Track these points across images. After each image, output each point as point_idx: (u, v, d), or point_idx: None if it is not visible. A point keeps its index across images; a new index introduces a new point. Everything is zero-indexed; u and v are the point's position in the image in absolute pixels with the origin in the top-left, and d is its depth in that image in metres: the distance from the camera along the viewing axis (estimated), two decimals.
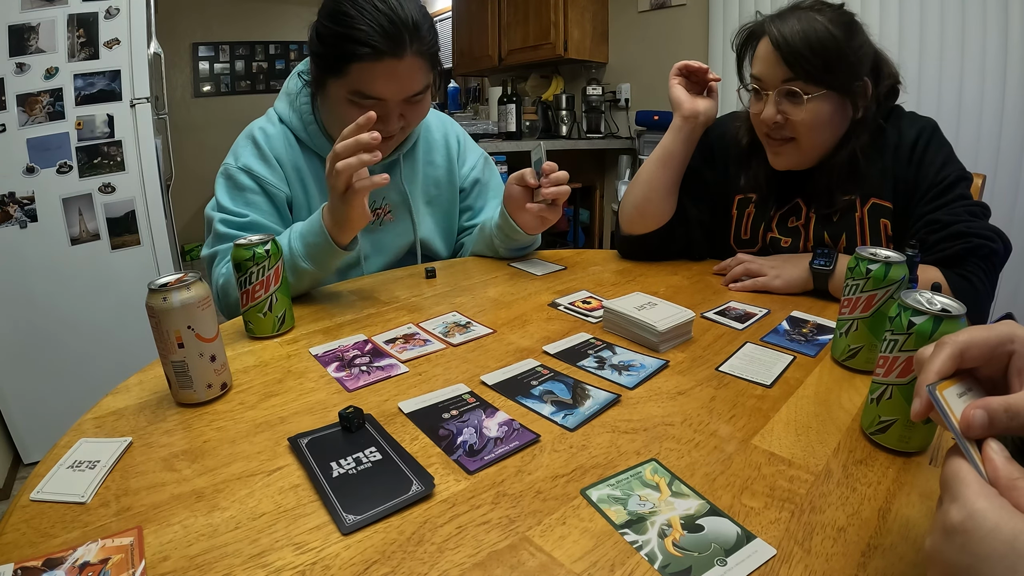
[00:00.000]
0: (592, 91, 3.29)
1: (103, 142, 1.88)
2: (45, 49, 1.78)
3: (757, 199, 1.03)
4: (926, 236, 0.88)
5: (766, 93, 0.90)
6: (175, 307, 0.56)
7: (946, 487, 0.30)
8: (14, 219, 1.79)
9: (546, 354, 0.71)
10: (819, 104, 0.87)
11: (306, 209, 1.03)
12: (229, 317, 0.92)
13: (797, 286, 0.91)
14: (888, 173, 0.93)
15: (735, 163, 1.04)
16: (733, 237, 1.08)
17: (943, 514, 0.29)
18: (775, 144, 0.94)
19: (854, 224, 0.95)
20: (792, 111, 0.88)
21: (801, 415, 0.57)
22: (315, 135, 1.02)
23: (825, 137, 0.91)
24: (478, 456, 0.50)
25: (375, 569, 0.38)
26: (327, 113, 1.00)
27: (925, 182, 0.90)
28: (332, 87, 0.92)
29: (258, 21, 4.67)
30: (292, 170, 1.02)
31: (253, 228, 0.95)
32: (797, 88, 0.86)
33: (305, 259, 0.86)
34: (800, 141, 0.91)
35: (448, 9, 4.50)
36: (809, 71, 0.85)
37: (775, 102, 0.89)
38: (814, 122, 0.88)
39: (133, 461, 0.50)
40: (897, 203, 0.93)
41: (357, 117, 0.77)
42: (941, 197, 0.89)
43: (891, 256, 0.62)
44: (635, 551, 0.40)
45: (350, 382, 0.64)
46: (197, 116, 4.51)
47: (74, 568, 0.38)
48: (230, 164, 1.00)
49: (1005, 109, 1.98)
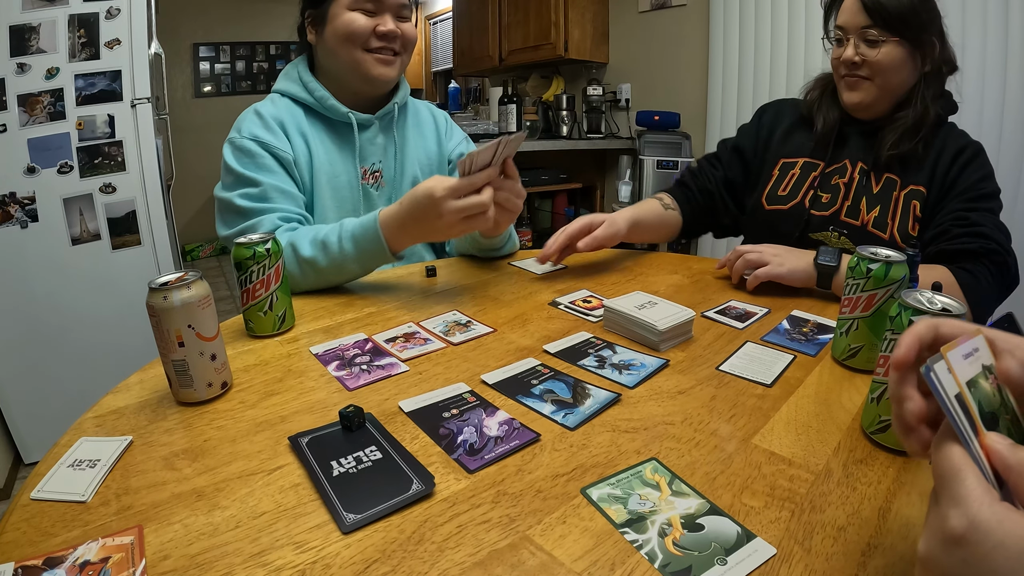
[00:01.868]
0: (592, 91, 3.29)
1: (104, 142, 1.88)
2: (46, 49, 1.78)
3: (804, 162, 1.11)
4: (951, 227, 0.94)
5: (848, 38, 1.01)
6: (176, 306, 0.56)
7: (943, 484, 0.28)
8: (15, 219, 1.79)
9: (546, 353, 0.71)
10: (892, 49, 0.98)
11: (308, 169, 1.05)
12: (303, 283, 0.93)
13: (800, 277, 0.90)
14: (929, 164, 1.01)
15: (784, 133, 1.16)
16: (767, 195, 1.14)
17: (941, 519, 0.27)
18: (852, 81, 1.03)
19: (889, 201, 1.02)
20: (869, 53, 0.99)
21: (801, 414, 0.57)
22: (324, 99, 1.06)
23: (896, 81, 1.01)
24: (478, 455, 0.50)
25: (375, 568, 0.38)
26: (329, 50, 1.05)
27: (963, 184, 0.97)
28: (333, 9, 1.01)
29: (259, 21, 4.67)
30: (296, 133, 1.05)
31: (269, 196, 0.97)
32: (875, 33, 0.98)
33: (355, 262, 0.90)
34: (875, 80, 1.01)
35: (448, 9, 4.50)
36: (886, 19, 0.97)
37: (855, 44, 1.00)
38: (888, 64, 0.98)
39: (133, 460, 0.50)
40: (931, 194, 1.00)
41: (362, 19, 1.00)
42: (976, 201, 0.96)
43: (892, 255, 0.62)
44: (635, 550, 0.40)
45: (350, 381, 0.64)
46: (198, 116, 4.51)
47: (74, 567, 0.38)
48: (235, 137, 1.01)
49: (1006, 109, 1.98)
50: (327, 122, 1.08)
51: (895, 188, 1.02)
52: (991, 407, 0.31)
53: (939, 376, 0.30)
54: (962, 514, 0.26)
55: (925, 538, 0.28)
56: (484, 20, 3.74)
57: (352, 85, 1.07)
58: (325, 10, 1.03)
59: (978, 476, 0.27)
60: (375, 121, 1.11)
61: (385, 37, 1.03)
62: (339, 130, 1.09)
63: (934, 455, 0.30)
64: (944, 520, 0.26)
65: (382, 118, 1.12)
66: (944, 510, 0.27)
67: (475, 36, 3.88)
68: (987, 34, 1.97)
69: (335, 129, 1.09)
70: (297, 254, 0.90)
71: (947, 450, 0.28)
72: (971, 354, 0.32)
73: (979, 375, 0.32)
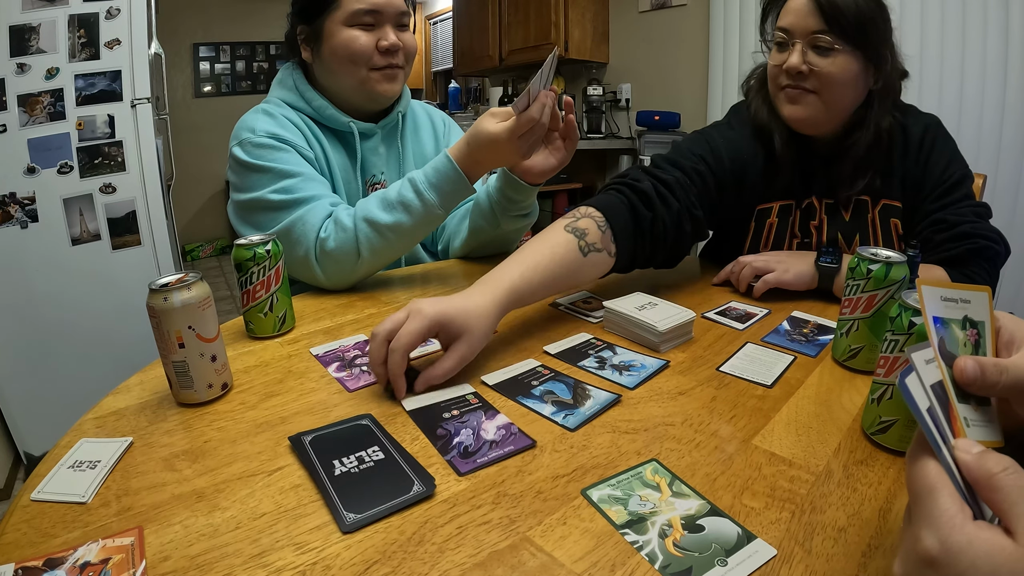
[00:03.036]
0: (593, 91, 3.30)
1: (104, 142, 1.89)
2: (46, 49, 1.78)
3: (779, 207, 1.00)
4: (932, 235, 0.90)
5: (793, 43, 0.89)
6: (176, 307, 0.56)
7: (917, 501, 0.28)
8: (15, 219, 1.79)
9: (547, 354, 0.71)
10: (845, 60, 0.87)
11: (328, 176, 1.02)
12: (366, 273, 0.95)
13: (805, 281, 0.89)
14: (896, 172, 0.94)
15: (754, 176, 0.98)
16: (748, 248, 1.04)
17: (915, 540, 0.27)
18: (793, 94, 0.91)
19: (867, 225, 0.97)
20: (819, 62, 0.87)
21: (802, 415, 0.57)
22: (322, 109, 1.02)
23: (845, 97, 0.90)
24: (471, 458, 0.50)
25: (376, 569, 0.38)
26: (328, 69, 1.02)
27: (931, 180, 0.92)
28: (328, 25, 0.98)
29: (259, 21, 4.67)
30: (312, 137, 1.02)
31: (309, 184, 0.92)
32: (828, 40, 0.86)
33: (441, 207, 0.90)
34: (821, 94, 0.90)
35: (449, 9, 4.50)
36: (844, 26, 0.85)
37: (801, 51, 0.88)
38: (839, 76, 0.87)
39: (134, 461, 0.50)
40: (906, 202, 0.94)
41: (364, 38, 0.96)
42: (947, 196, 0.91)
43: (892, 256, 0.62)
44: (636, 551, 0.40)
45: (351, 382, 0.64)
46: (198, 116, 4.51)
47: (75, 568, 0.38)
48: (249, 137, 0.93)
49: (1006, 109, 1.98)
50: (328, 131, 1.05)
51: (867, 210, 0.97)
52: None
53: (911, 387, 0.30)
54: (934, 536, 0.26)
55: (900, 558, 0.29)
56: (484, 20, 3.74)
57: (354, 102, 1.04)
58: (320, 26, 0.98)
59: (952, 494, 0.27)
60: (377, 131, 1.08)
61: (388, 52, 0.99)
62: (341, 139, 1.06)
63: (908, 470, 0.30)
64: (917, 541, 0.27)
65: (384, 127, 1.09)
66: (917, 530, 0.27)
67: (475, 36, 3.89)
68: (988, 34, 1.97)
69: (337, 138, 1.06)
70: (376, 224, 0.88)
71: (921, 466, 0.29)
72: (932, 360, 0.32)
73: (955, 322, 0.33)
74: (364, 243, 0.89)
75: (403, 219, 0.89)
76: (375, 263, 0.93)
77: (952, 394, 0.31)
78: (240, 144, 0.94)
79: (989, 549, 0.25)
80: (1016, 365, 0.32)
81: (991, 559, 0.25)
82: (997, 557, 0.24)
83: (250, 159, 0.92)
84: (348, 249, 0.89)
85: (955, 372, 0.31)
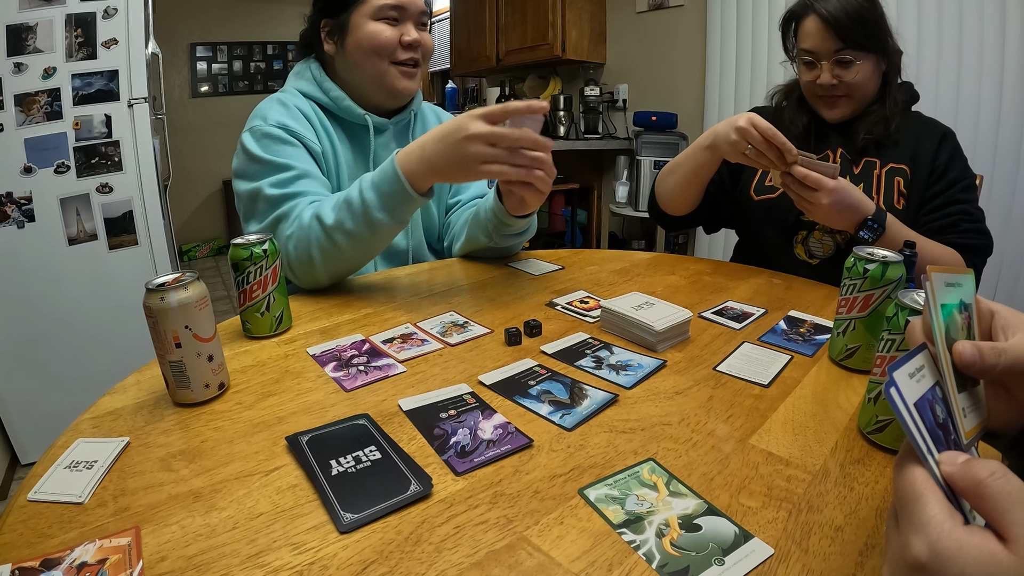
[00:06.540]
0: (590, 92, 3.30)
1: (101, 142, 1.88)
2: (43, 49, 1.77)
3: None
4: (959, 220, 1.02)
5: (820, 63, 1.06)
6: (172, 307, 0.56)
7: (905, 507, 0.28)
8: (11, 219, 1.78)
9: (544, 354, 0.71)
10: (865, 64, 1.04)
11: (334, 167, 1.04)
12: (327, 276, 0.91)
13: (834, 223, 0.95)
14: (909, 146, 1.07)
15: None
16: (755, 186, 1.16)
17: (904, 546, 0.27)
18: (830, 101, 1.09)
19: (871, 179, 1.08)
20: (844, 74, 1.04)
21: (798, 415, 0.57)
22: (340, 99, 1.05)
23: (870, 90, 1.08)
24: (468, 458, 0.50)
25: (373, 569, 0.38)
26: (351, 61, 1.03)
27: (955, 173, 1.04)
28: (354, 19, 1.01)
29: (256, 21, 4.67)
30: (320, 128, 1.03)
31: (301, 181, 0.93)
32: (848, 56, 1.03)
33: (381, 210, 0.84)
34: (852, 96, 1.07)
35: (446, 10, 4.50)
36: (857, 40, 1.02)
37: (829, 69, 1.05)
38: (863, 79, 1.05)
39: (130, 461, 0.50)
40: (916, 174, 1.06)
41: (388, 31, 0.99)
42: (968, 192, 1.04)
43: (888, 256, 0.62)
44: (633, 551, 0.40)
45: (348, 382, 0.64)
46: (195, 116, 4.50)
47: (72, 568, 0.38)
48: (260, 125, 0.95)
49: (1002, 110, 1.98)
50: (342, 124, 1.07)
51: (875, 168, 1.08)
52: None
53: (896, 397, 0.30)
54: (923, 541, 0.26)
55: (888, 565, 0.28)
56: (481, 20, 3.74)
57: (373, 97, 1.06)
58: (345, 20, 1.02)
59: (939, 499, 0.27)
60: (390, 126, 1.10)
61: (410, 47, 1.03)
62: (353, 134, 1.08)
63: (896, 476, 0.30)
64: (906, 547, 0.27)
65: (397, 124, 1.11)
66: (905, 536, 0.27)
67: (472, 36, 3.88)
68: (984, 35, 1.98)
69: (350, 132, 1.08)
70: (323, 224, 0.85)
71: (909, 473, 0.28)
72: (915, 372, 0.32)
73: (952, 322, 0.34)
74: (314, 244, 0.87)
75: (344, 220, 0.85)
76: (331, 267, 0.89)
77: (953, 386, 0.31)
78: (251, 131, 0.97)
79: (979, 555, 0.25)
80: (1014, 347, 0.33)
81: (981, 565, 0.24)
82: (988, 564, 0.24)
83: (253, 148, 0.94)
84: (303, 248, 0.88)
85: (954, 356, 0.32)
